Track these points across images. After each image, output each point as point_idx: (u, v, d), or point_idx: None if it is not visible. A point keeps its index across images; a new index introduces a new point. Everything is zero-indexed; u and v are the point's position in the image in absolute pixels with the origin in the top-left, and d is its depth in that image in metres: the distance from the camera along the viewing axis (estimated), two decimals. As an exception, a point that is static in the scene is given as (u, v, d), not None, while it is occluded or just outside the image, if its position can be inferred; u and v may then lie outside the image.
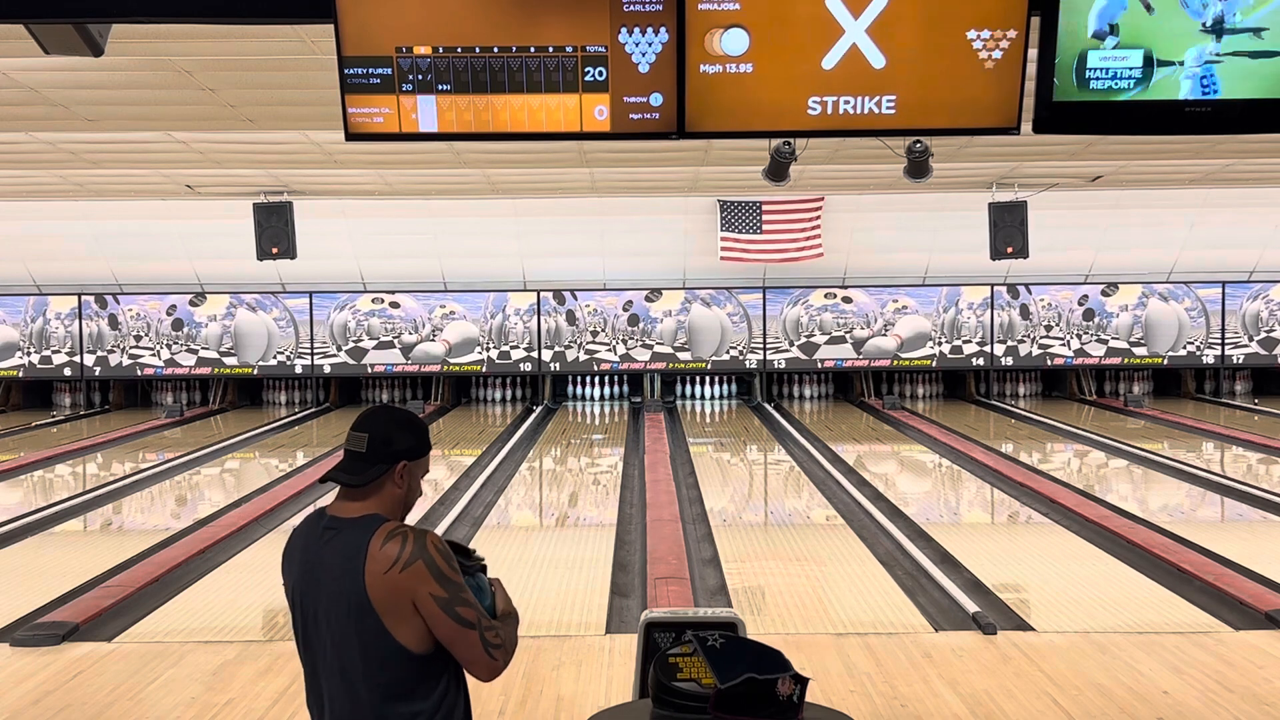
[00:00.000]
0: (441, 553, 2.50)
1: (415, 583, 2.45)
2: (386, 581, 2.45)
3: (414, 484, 2.64)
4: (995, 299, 16.86)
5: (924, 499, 10.27)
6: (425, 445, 2.65)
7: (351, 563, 2.48)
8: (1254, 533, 8.59)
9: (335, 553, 2.51)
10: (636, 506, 9.28)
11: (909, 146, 9.48)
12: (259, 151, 10.65)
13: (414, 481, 2.63)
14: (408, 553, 2.46)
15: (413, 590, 2.46)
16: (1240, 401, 16.79)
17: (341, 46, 3.89)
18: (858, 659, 5.37)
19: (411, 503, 2.67)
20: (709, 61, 3.85)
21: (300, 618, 2.60)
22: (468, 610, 2.49)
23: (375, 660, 2.49)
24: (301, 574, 2.58)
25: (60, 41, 4.24)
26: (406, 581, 2.45)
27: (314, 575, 2.55)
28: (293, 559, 2.64)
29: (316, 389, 17.16)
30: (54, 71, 7.27)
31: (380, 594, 2.46)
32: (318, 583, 2.53)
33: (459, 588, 2.49)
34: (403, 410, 2.68)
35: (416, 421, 2.67)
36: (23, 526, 8.77)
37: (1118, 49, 3.82)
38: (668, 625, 3.45)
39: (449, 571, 2.49)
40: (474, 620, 2.50)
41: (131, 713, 4.84)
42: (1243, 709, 4.75)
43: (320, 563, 2.54)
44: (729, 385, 17.34)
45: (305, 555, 2.59)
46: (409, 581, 2.45)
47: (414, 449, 2.61)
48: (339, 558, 2.50)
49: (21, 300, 16.72)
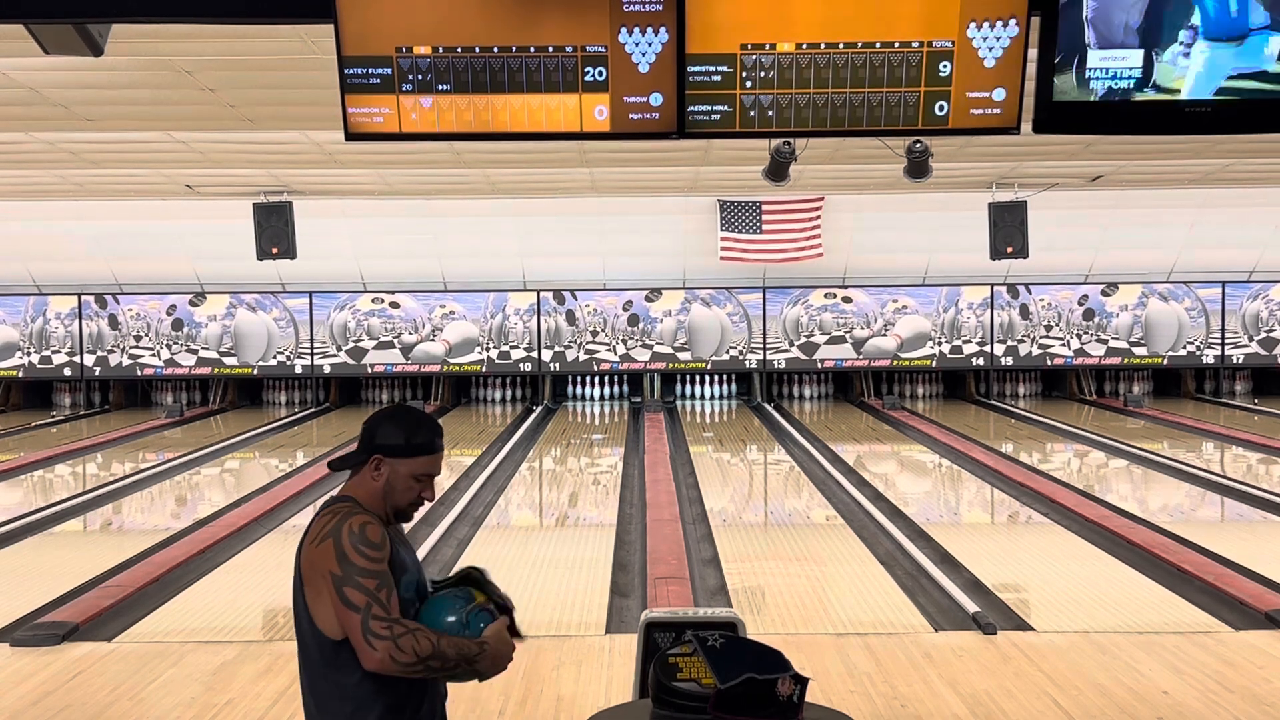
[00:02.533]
0: (355, 535, 2.48)
1: (323, 559, 2.47)
2: (308, 555, 2.51)
3: (395, 481, 2.61)
4: (995, 299, 16.86)
5: (924, 499, 10.27)
6: (414, 448, 2.62)
7: (303, 537, 2.55)
8: (1254, 533, 8.59)
9: (311, 522, 2.60)
10: (636, 506, 9.28)
11: (909, 146, 9.47)
12: (259, 151, 10.65)
13: (394, 479, 2.61)
14: (327, 529, 2.49)
15: (321, 566, 2.47)
16: (1240, 401, 16.79)
17: (341, 46, 3.89)
18: (858, 659, 5.37)
19: (398, 503, 2.65)
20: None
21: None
22: (356, 594, 2.44)
23: (304, 634, 2.55)
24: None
25: (60, 41, 4.24)
26: (317, 557, 2.48)
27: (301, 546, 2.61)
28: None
29: (316, 389, 17.16)
30: (54, 71, 7.26)
31: (305, 568, 2.52)
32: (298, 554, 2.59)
33: (359, 570, 2.45)
34: (414, 412, 2.70)
35: (417, 423, 2.66)
36: (23, 526, 8.77)
37: (1118, 49, 3.82)
38: (668, 625, 3.45)
39: (353, 554, 2.46)
40: (360, 605, 2.43)
41: (131, 713, 4.84)
42: (1243, 709, 4.75)
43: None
44: (729, 385, 17.34)
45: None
46: (319, 557, 2.48)
47: (396, 447, 2.61)
48: (305, 533, 2.58)
49: (21, 300, 16.72)
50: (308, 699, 2.59)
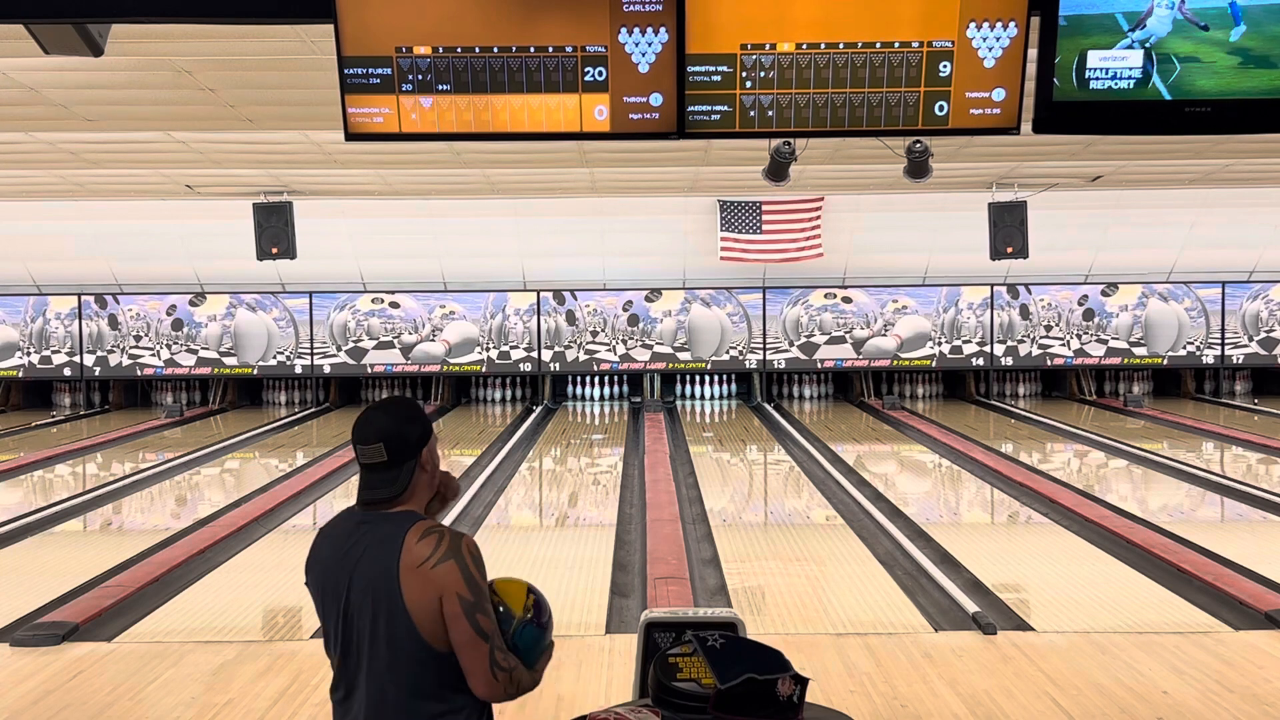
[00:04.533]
0: (474, 557, 2.50)
1: (447, 581, 2.46)
2: (418, 576, 2.46)
3: (434, 469, 2.64)
4: (995, 299, 16.86)
5: (924, 499, 10.27)
6: (429, 426, 2.65)
7: (386, 556, 2.49)
8: (1254, 533, 8.59)
9: (370, 546, 2.52)
10: (636, 506, 9.28)
11: (909, 146, 9.47)
12: (259, 151, 10.65)
13: (434, 466, 2.64)
14: (442, 550, 2.48)
15: (442, 588, 2.45)
16: (1240, 401, 16.78)
17: (341, 46, 3.89)
18: (858, 659, 5.37)
19: (445, 488, 2.69)
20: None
21: (329, 611, 2.58)
22: (487, 621, 2.48)
23: (404, 655, 2.49)
24: (332, 567, 2.57)
25: (60, 41, 4.24)
26: (439, 577, 2.46)
27: (345, 568, 2.54)
28: (321, 553, 2.62)
29: (316, 389, 17.16)
30: (54, 71, 7.26)
31: (411, 589, 2.46)
32: (349, 575, 2.52)
33: (485, 596, 2.50)
34: (391, 402, 2.65)
35: (410, 405, 2.66)
36: (23, 526, 8.77)
37: (1118, 49, 3.82)
38: (668, 625, 3.44)
39: (478, 577, 2.49)
40: (490, 632, 2.49)
41: (131, 713, 4.84)
42: (1243, 709, 4.75)
43: (353, 556, 2.53)
44: (729, 385, 17.34)
45: (335, 548, 2.58)
46: (441, 578, 2.46)
47: (425, 431, 2.62)
48: (374, 551, 2.51)
49: (21, 300, 16.72)
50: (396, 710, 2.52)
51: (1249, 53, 3.81)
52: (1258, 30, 3.79)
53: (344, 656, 2.56)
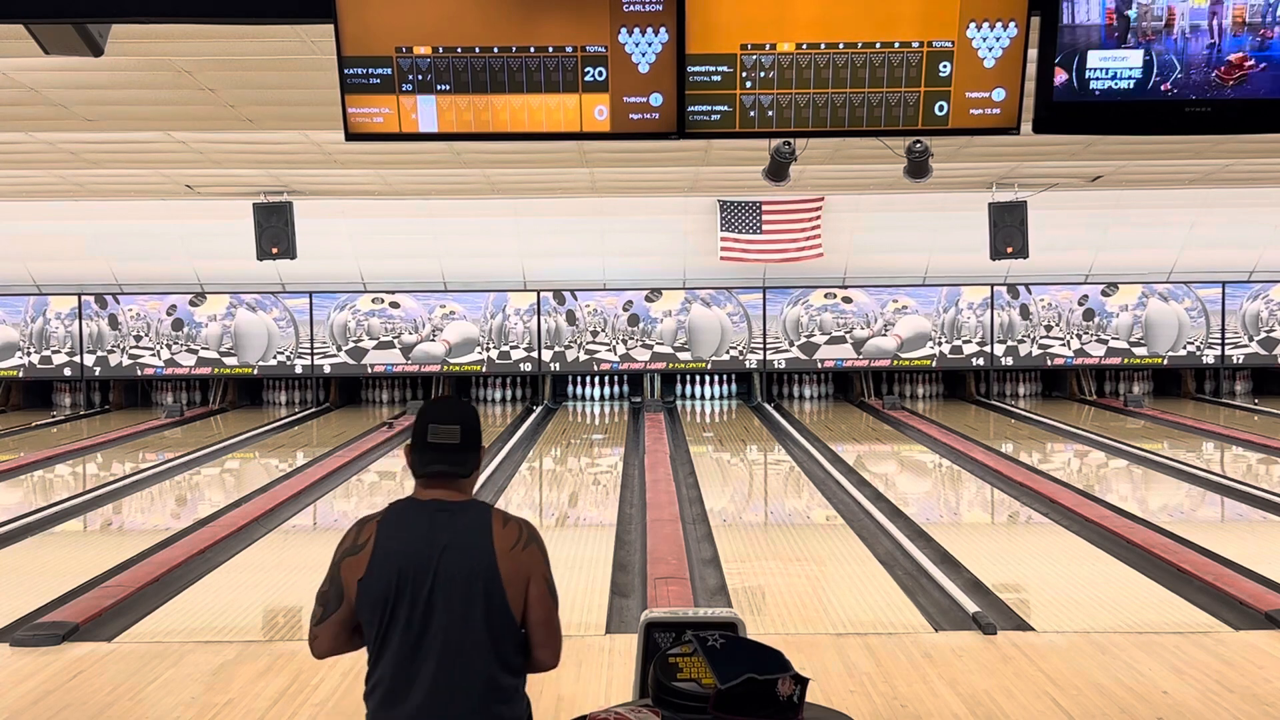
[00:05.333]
0: (543, 542, 2.78)
1: (533, 562, 2.71)
2: (512, 559, 2.67)
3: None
4: (995, 299, 16.86)
5: (924, 499, 10.27)
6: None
7: (480, 540, 2.67)
8: (1254, 533, 8.59)
9: (459, 532, 2.68)
10: (636, 506, 9.28)
11: (909, 146, 9.47)
12: (259, 151, 10.65)
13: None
14: (525, 535, 2.72)
15: (530, 569, 2.70)
16: (1240, 401, 16.78)
17: (341, 46, 3.89)
18: (858, 659, 5.37)
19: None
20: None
21: (403, 596, 2.65)
22: (556, 600, 2.77)
23: (496, 632, 2.66)
24: (413, 554, 2.66)
25: (60, 41, 4.25)
26: (527, 559, 2.69)
27: (431, 554, 2.66)
28: (391, 544, 2.69)
29: (316, 389, 17.16)
30: (54, 71, 7.26)
31: (507, 570, 2.66)
32: (436, 561, 2.65)
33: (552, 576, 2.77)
34: (460, 399, 2.89)
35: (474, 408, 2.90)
36: (23, 526, 8.77)
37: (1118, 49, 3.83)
38: (668, 625, 3.44)
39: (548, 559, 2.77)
40: (556, 603, 2.78)
41: (131, 713, 4.84)
42: (1243, 709, 4.75)
43: (439, 542, 2.67)
44: (729, 385, 17.34)
45: (414, 536, 2.68)
46: (529, 560, 2.70)
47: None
48: (465, 537, 2.68)
49: (21, 300, 16.72)
50: (474, 692, 2.66)
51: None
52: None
53: (419, 640, 2.65)
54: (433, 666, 2.64)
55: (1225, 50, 3.85)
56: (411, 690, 2.65)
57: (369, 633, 2.71)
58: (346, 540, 2.75)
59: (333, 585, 2.74)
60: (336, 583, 2.73)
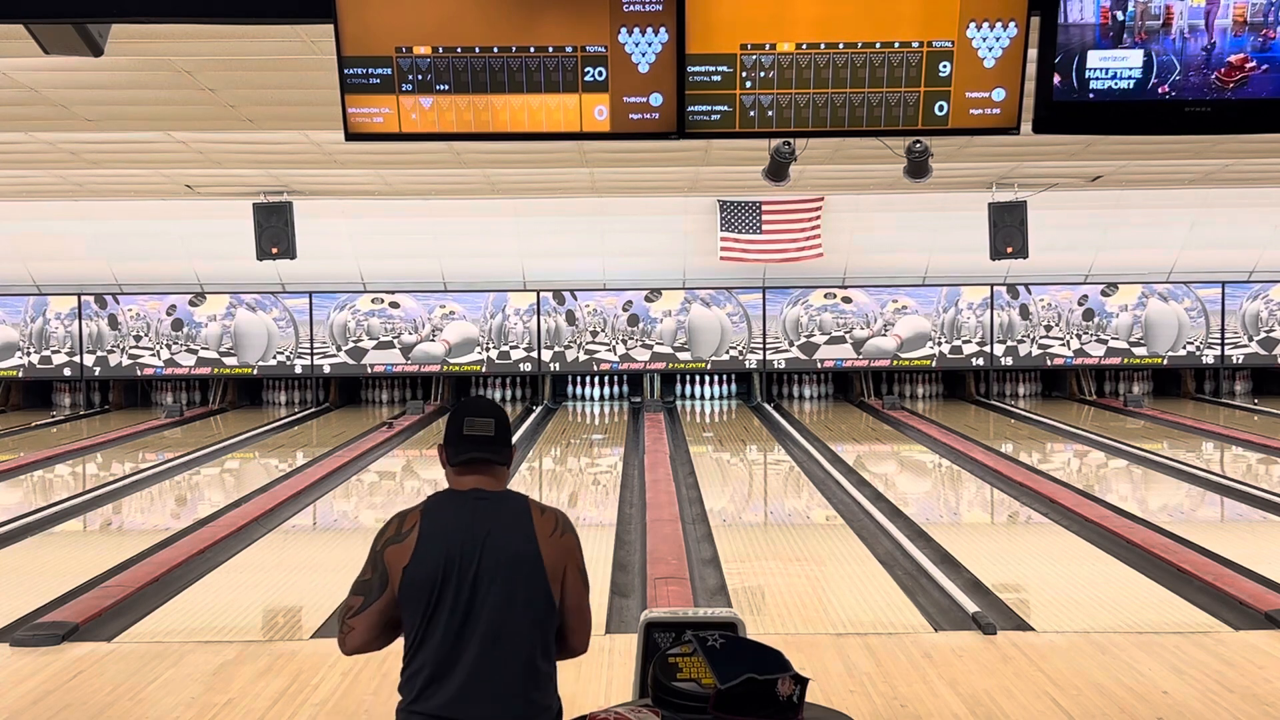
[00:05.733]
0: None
1: (570, 549, 2.82)
2: (552, 545, 2.78)
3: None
4: (995, 299, 16.86)
5: (924, 499, 10.27)
6: None
7: (523, 527, 2.77)
8: (1254, 533, 8.59)
9: (501, 519, 2.77)
10: (636, 506, 9.28)
11: (909, 146, 9.47)
12: (259, 151, 10.65)
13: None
14: (562, 523, 2.84)
15: (567, 556, 2.80)
16: (1240, 401, 16.78)
17: (341, 46, 3.89)
18: (858, 659, 5.37)
19: None
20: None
21: (449, 582, 2.71)
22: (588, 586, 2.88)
23: (538, 615, 2.75)
24: (458, 540, 2.73)
25: (60, 41, 4.24)
26: (565, 545, 2.80)
27: (475, 540, 2.73)
28: (435, 530, 2.76)
29: (316, 389, 17.16)
30: (54, 71, 7.26)
31: (549, 555, 2.76)
32: (480, 547, 2.72)
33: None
34: (491, 400, 2.99)
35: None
36: (23, 526, 8.77)
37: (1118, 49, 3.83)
38: (667, 625, 3.44)
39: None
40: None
41: (131, 713, 4.84)
42: (1243, 709, 4.75)
43: (482, 529, 2.75)
44: (729, 385, 17.34)
45: (459, 523, 2.76)
46: (567, 546, 2.81)
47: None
48: (508, 522, 2.77)
49: (21, 300, 16.72)
50: (515, 675, 2.72)
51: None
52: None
53: (463, 625, 2.71)
54: (475, 651, 2.70)
55: (1225, 52, 3.85)
56: (453, 674, 2.70)
57: (412, 620, 2.75)
58: (389, 530, 2.80)
59: (375, 572, 2.77)
60: (380, 570, 2.77)
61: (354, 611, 2.79)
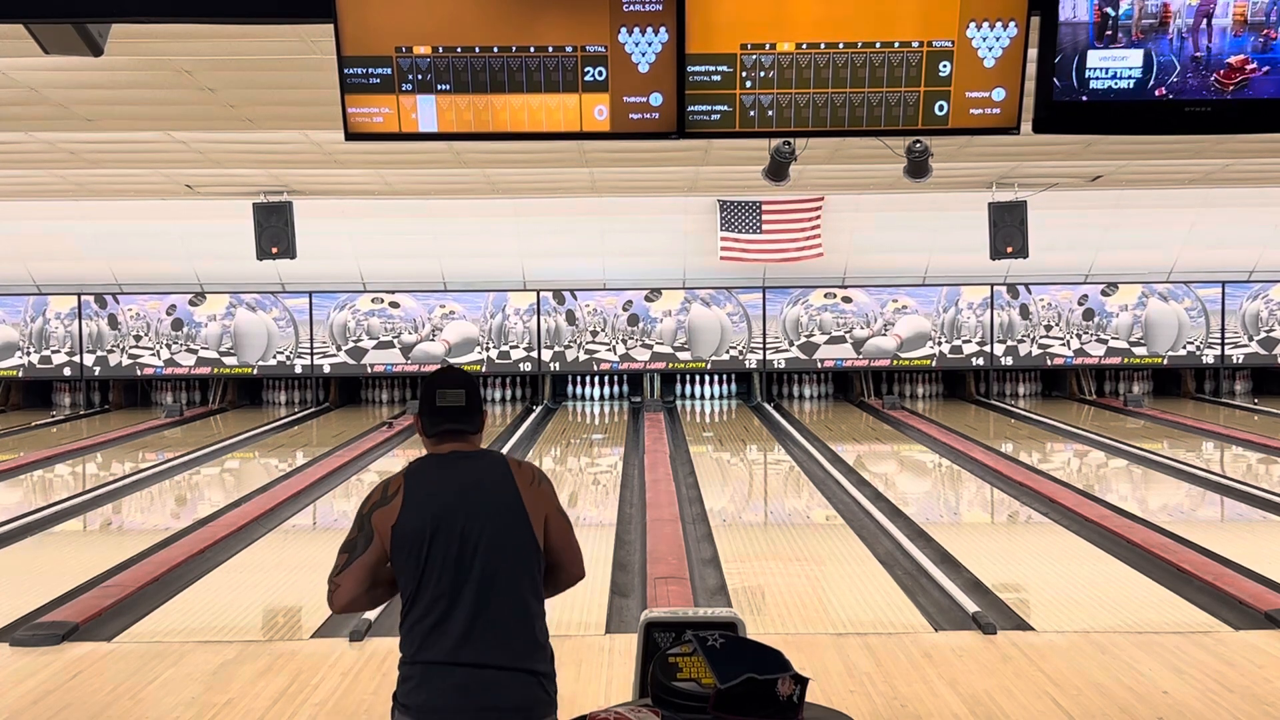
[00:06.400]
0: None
1: (548, 494, 2.99)
2: (531, 493, 2.95)
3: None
4: (995, 299, 16.86)
5: (924, 499, 10.27)
6: None
7: (505, 479, 2.95)
8: (1254, 533, 8.59)
9: (485, 473, 2.95)
10: (636, 506, 9.28)
11: (909, 146, 9.47)
12: (259, 151, 10.65)
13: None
14: (536, 473, 3.02)
15: (546, 502, 2.97)
16: (1240, 401, 16.78)
17: (341, 46, 3.89)
18: (858, 659, 5.37)
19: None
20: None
21: (440, 536, 2.85)
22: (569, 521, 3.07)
23: (527, 559, 2.91)
24: (445, 495, 2.89)
25: (60, 41, 4.25)
26: (544, 492, 2.98)
27: (460, 494, 2.89)
28: (420, 491, 2.90)
29: (316, 389, 17.16)
30: (54, 71, 7.26)
31: (530, 503, 2.93)
32: (470, 502, 2.88)
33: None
34: (458, 368, 3.16)
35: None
36: (23, 526, 8.77)
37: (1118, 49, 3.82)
38: (667, 625, 3.44)
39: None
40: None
41: (131, 713, 4.84)
42: (1243, 709, 4.75)
43: (467, 482, 2.92)
44: (729, 385, 17.34)
45: (443, 480, 2.92)
46: (546, 493, 2.98)
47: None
48: (491, 477, 2.95)
49: (21, 300, 16.72)
50: (510, 619, 2.87)
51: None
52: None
53: (456, 574, 2.84)
54: (472, 598, 2.83)
55: (1225, 53, 3.85)
56: (452, 622, 2.83)
57: (406, 576, 2.86)
58: (374, 495, 2.93)
59: (361, 533, 2.90)
60: (366, 530, 2.89)
61: (339, 569, 2.91)
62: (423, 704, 2.81)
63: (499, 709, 2.82)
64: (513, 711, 2.83)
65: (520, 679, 2.86)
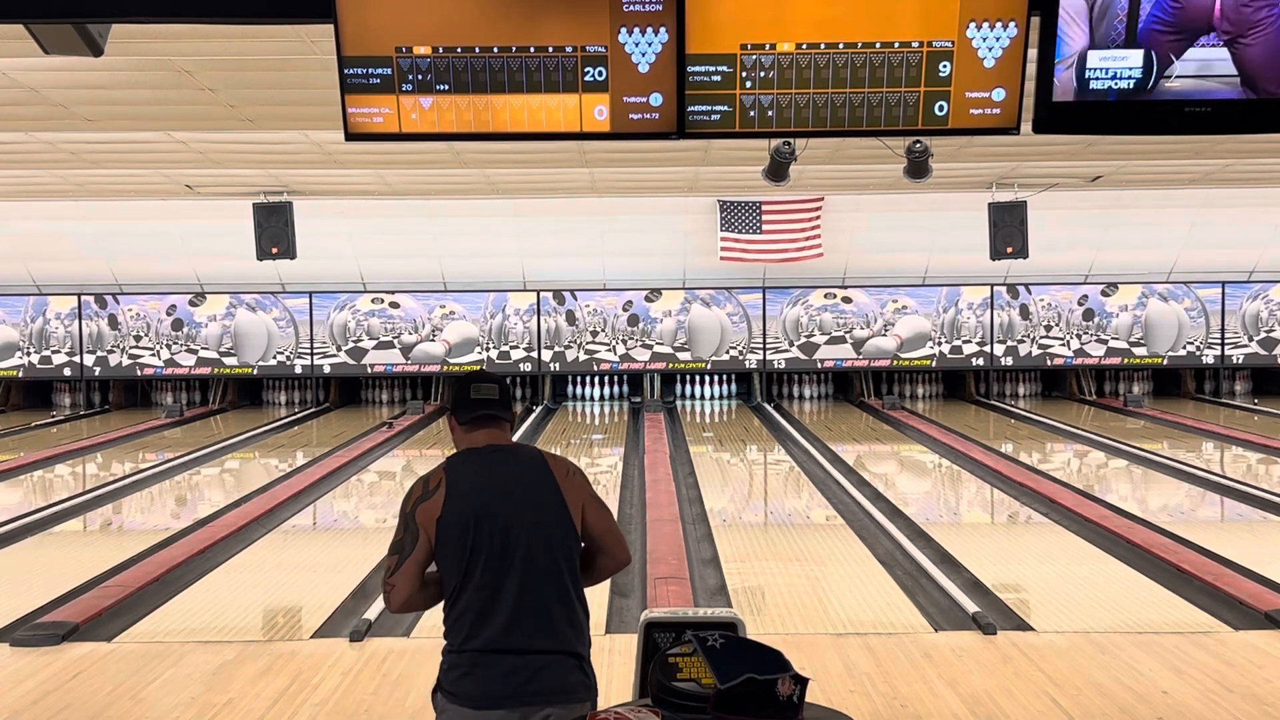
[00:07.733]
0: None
1: (584, 485, 3.10)
2: (569, 483, 3.06)
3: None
4: (995, 299, 16.86)
5: (924, 499, 10.27)
6: None
7: (542, 470, 3.06)
8: (1254, 533, 8.59)
9: (523, 465, 3.05)
10: (636, 506, 9.28)
11: (909, 146, 9.47)
12: (259, 151, 10.65)
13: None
14: (573, 467, 3.12)
15: (583, 492, 3.08)
16: (1240, 401, 16.78)
17: (341, 46, 3.89)
18: (858, 659, 5.37)
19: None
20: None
21: (483, 527, 2.94)
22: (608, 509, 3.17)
23: (567, 548, 3.02)
24: (487, 488, 2.98)
25: (60, 41, 4.24)
26: (580, 483, 3.09)
27: (502, 486, 2.99)
28: (462, 484, 2.98)
29: (316, 389, 17.16)
30: (54, 71, 7.26)
31: (569, 494, 3.04)
32: (511, 494, 2.99)
33: None
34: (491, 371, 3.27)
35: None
36: (23, 526, 8.77)
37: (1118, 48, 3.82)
38: (667, 625, 3.44)
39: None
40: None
41: (131, 713, 4.84)
42: (1243, 709, 4.75)
43: (507, 475, 3.02)
44: (729, 385, 17.34)
45: (483, 474, 3.01)
46: (581, 484, 3.09)
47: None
48: (529, 471, 3.05)
49: (21, 300, 16.72)
50: (552, 604, 2.98)
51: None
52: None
53: (501, 563, 2.95)
54: (516, 586, 2.94)
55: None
56: (497, 610, 2.93)
57: (451, 569, 2.96)
58: (415, 491, 3.01)
59: (407, 531, 2.98)
60: (411, 528, 2.97)
61: (392, 570, 2.98)
62: (471, 691, 2.91)
63: (543, 693, 2.93)
64: (556, 694, 2.95)
65: (562, 662, 2.97)
